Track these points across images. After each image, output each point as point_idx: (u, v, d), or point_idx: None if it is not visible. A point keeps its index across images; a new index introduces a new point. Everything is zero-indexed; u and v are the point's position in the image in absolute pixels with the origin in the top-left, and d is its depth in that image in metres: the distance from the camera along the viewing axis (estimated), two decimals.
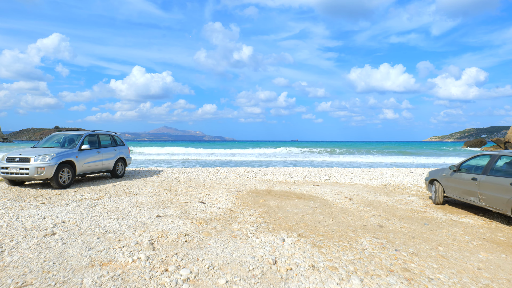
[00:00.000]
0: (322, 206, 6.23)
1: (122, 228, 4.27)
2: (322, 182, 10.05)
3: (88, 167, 8.61)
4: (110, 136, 10.03)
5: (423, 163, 21.15)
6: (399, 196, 7.73)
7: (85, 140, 8.83)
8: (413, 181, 10.32)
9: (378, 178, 10.76)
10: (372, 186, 9.42)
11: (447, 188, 6.61)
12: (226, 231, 4.34)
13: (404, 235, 4.55)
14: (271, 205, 6.20)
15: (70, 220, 4.62)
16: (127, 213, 5.16)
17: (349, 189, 8.62)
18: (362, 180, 10.46)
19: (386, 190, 8.61)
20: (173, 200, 6.46)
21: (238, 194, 7.28)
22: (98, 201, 6.11)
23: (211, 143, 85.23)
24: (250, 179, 10.48)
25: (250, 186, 8.67)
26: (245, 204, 6.21)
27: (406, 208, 6.40)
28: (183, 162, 21.98)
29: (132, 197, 6.66)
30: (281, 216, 5.34)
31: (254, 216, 5.23)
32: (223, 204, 6.14)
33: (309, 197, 7.14)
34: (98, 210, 5.36)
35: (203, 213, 5.35)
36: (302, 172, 12.07)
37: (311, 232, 4.47)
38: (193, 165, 19.85)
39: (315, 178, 10.66)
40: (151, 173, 11.51)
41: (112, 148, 9.77)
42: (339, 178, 10.71)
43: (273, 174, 11.58)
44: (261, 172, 12.05)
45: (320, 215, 5.48)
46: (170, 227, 4.40)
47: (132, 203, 5.96)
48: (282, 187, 8.70)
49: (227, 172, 11.82)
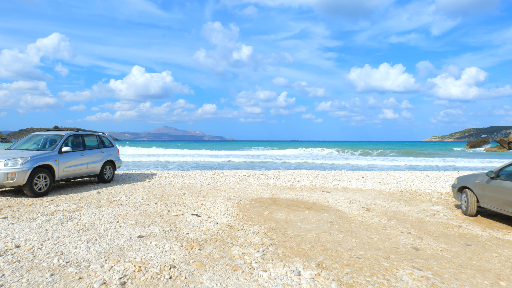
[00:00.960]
0: (338, 220, 5.27)
1: (90, 256, 3.31)
2: (331, 187, 9.09)
3: (70, 172, 7.65)
4: (96, 137, 9.07)
5: (437, 165, 19.95)
6: (421, 205, 6.78)
7: (67, 141, 7.87)
8: (431, 186, 9.37)
9: (392, 183, 9.80)
10: (387, 192, 8.48)
11: (482, 197, 5.67)
12: (224, 260, 3.38)
13: (448, 262, 3.60)
14: (278, 218, 5.24)
15: (27, 243, 3.66)
16: (103, 232, 4.20)
17: (363, 196, 7.67)
18: (374, 185, 9.50)
19: (404, 198, 7.67)
20: (163, 212, 5.50)
21: (239, 204, 6.32)
22: (74, 214, 5.15)
23: (213, 144, 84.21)
24: (251, 184, 9.52)
25: (252, 193, 7.71)
26: (247, 218, 5.25)
27: (436, 221, 5.45)
28: (180, 164, 21.02)
29: (115, 208, 5.70)
30: (292, 234, 4.38)
31: (259, 235, 4.27)
32: (222, 218, 5.19)
33: (321, 208, 6.18)
34: (69, 227, 4.40)
35: (196, 231, 4.39)
36: (308, 176, 11.11)
37: (332, 259, 3.51)
38: (191, 167, 18.88)
39: (323, 183, 9.71)
40: (144, 177, 10.55)
41: (99, 150, 8.80)
42: (349, 183, 9.76)
43: (276, 178, 10.62)
44: (264, 175, 11.10)
45: (338, 233, 4.53)
46: (153, 254, 3.44)
47: (113, 217, 5.00)
48: (288, 194, 7.75)
49: (226, 176, 10.86)
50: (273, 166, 20.28)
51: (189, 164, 20.57)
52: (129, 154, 29.20)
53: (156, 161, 21.11)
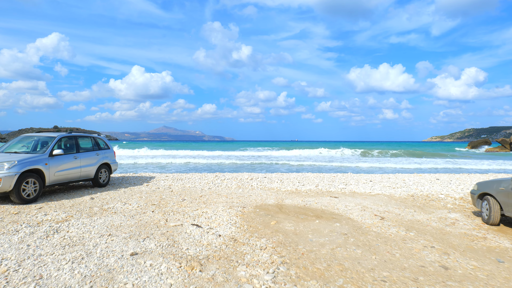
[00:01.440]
0: (352, 231, 4.81)
1: (73, 282, 2.84)
2: (339, 192, 8.63)
3: (61, 176, 7.18)
4: (91, 138, 8.59)
5: (447, 167, 19.32)
6: (437, 213, 6.33)
7: (59, 143, 7.40)
8: (443, 190, 8.91)
9: (401, 187, 9.34)
10: (398, 197, 8.02)
11: (507, 206, 5.21)
12: (229, 284, 2.92)
13: (485, 285, 3.14)
14: (286, 230, 4.78)
15: (3, 264, 3.20)
16: (91, 248, 3.73)
17: (374, 202, 7.21)
18: (384, 189, 9.04)
19: (417, 204, 7.21)
20: (160, 222, 5.04)
21: (243, 212, 5.86)
22: (62, 225, 4.68)
23: (213, 144, 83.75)
24: (254, 188, 9.06)
25: (256, 199, 7.25)
26: (253, 229, 4.79)
27: (458, 232, 4.99)
28: (180, 166, 20.54)
29: (109, 217, 5.23)
30: (304, 250, 3.92)
31: (267, 251, 3.81)
32: (225, 229, 4.72)
33: (331, 216, 5.72)
34: (54, 242, 3.93)
35: (197, 246, 3.93)
36: (313, 179, 10.65)
37: (354, 283, 3.05)
38: (191, 169, 18.37)
39: (330, 187, 9.25)
40: (141, 180, 10.08)
41: (93, 153, 8.33)
42: (357, 187, 9.30)
43: (280, 181, 10.16)
44: (267, 179, 10.63)
45: (355, 248, 4.06)
46: (147, 277, 2.97)
47: (105, 229, 4.54)
48: (294, 199, 7.29)
49: (228, 179, 10.39)
50: (274, 168, 19.82)
51: (189, 165, 20.07)
52: (127, 156, 28.72)
53: (156, 163, 20.50)
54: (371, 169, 18.61)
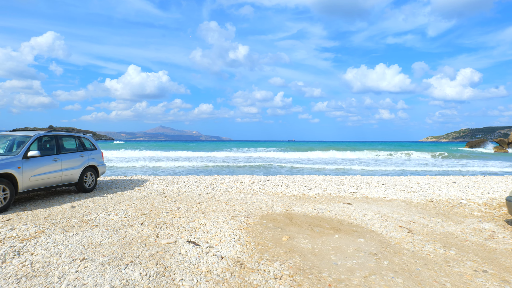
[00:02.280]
0: (381, 249, 4.00)
1: None
2: (350, 197, 7.83)
3: (38, 181, 6.29)
4: (75, 138, 7.69)
5: (457, 171, 18.28)
6: (467, 222, 5.55)
7: (35, 144, 6.51)
8: (463, 194, 8.14)
9: (417, 191, 8.56)
10: (416, 203, 7.24)
11: None
12: None
13: None
14: (302, 248, 3.95)
15: None
16: (55, 281, 2.87)
17: (393, 209, 6.42)
18: (398, 193, 8.26)
19: (440, 211, 6.43)
20: (150, 238, 4.19)
21: (247, 223, 5.02)
22: (27, 244, 3.80)
23: (211, 144, 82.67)
24: (257, 192, 8.23)
25: (261, 206, 6.42)
26: (262, 247, 3.96)
27: (504, 248, 4.20)
28: (175, 168, 19.63)
29: (88, 232, 4.36)
30: (330, 279, 3.09)
31: (283, 282, 2.98)
32: (227, 247, 3.89)
33: (351, 228, 4.90)
34: (9, 270, 3.06)
35: (194, 275, 3.08)
36: (320, 182, 9.83)
37: None
38: (187, 171, 17.45)
39: (339, 191, 8.44)
40: (132, 184, 9.20)
41: (77, 154, 7.44)
42: (369, 191, 8.50)
43: (285, 185, 9.33)
44: (270, 182, 9.79)
45: (393, 274, 3.24)
46: None
47: (80, 250, 3.67)
48: (303, 207, 6.47)
49: (227, 183, 9.54)
50: (274, 170, 19.00)
51: (185, 167, 19.15)
52: (120, 157, 27.69)
53: (150, 166, 19.49)
54: (381, 172, 17.86)
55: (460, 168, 19.06)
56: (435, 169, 18.66)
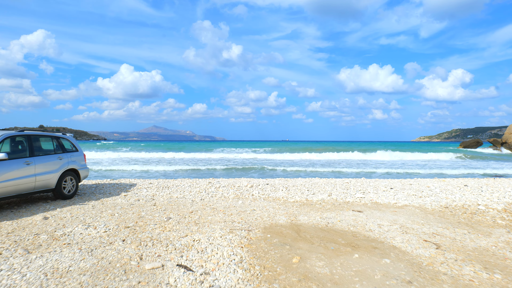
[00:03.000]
0: (414, 274, 3.30)
1: None
2: (358, 203, 7.15)
3: (6, 188, 5.45)
4: (52, 139, 6.86)
5: (468, 173, 16.32)
6: (496, 234, 4.90)
7: (5, 145, 5.67)
8: (478, 199, 7.53)
9: (429, 195, 7.92)
10: (431, 209, 6.59)
11: None
12: None
13: None
14: (318, 274, 3.23)
15: None
16: None
17: (409, 217, 5.76)
18: (409, 198, 7.61)
19: (460, 219, 5.79)
20: (131, 261, 3.42)
21: (249, 239, 4.29)
22: None
23: (205, 144, 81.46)
24: (256, 198, 7.50)
25: (262, 215, 5.69)
26: (269, 273, 3.23)
27: None
28: (168, 170, 18.75)
29: (56, 253, 3.58)
30: None
31: None
32: (227, 273, 3.15)
33: (370, 244, 4.20)
34: None
35: None
36: (323, 186, 9.13)
37: None
38: (180, 174, 16.56)
39: (346, 196, 7.75)
40: (119, 188, 8.38)
41: (54, 157, 6.61)
42: (377, 196, 7.84)
43: (286, 189, 8.61)
44: (270, 186, 9.06)
45: None
46: None
47: (41, 281, 2.90)
48: (310, 215, 5.76)
49: (223, 187, 8.78)
50: (269, 172, 18.27)
51: (177, 170, 18.25)
52: (109, 159, 26.64)
53: (138, 170, 17.61)
54: (383, 174, 17.25)
55: (497, 171, 17.34)
56: (472, 172, 18.10)
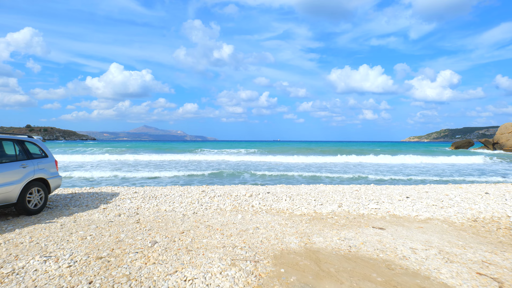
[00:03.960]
0: None
1: None
2: (374, 215, 6.23)
3: None
4: (14, 143, 5.72)
5: (483, 180, 14.20)
6: None
7: None
8: (505, 210, 6.70)
9: (450, 205, 7.06)
10: (459, 223, 5.72)
11: None
12: None
13: None
14: None
15: None
16: None
17: (441, 236, 4.85)
18: (430, 209, 6.73)
19: (500, 237, 4.92)
20: None
21: (257, 276, 3.29)
22: None
23: (196, 144, 79.81)
24: (257, 210, 6.51)
25: (268, 236, 4.70)
26: None
27: None
28: (157, 176, 17.54)
29: None
30: None
31: None
32: None
33: (415, 282, 3.25)
34: None
35: None
36: (331, 195, 8.17)
37: None
38: (170, 179, 15.24)
39: (359, 207, 6.83)
40: (99, 199, 7.27)
41: (16, 164, 5.48)
42: (393, 206, 6.93)
43: (289, 198, 7.63)
44: (271, 195, 8.05)
45: None
46: None
47: None
48: (325, 234, 4.79)
49: (219, 197, 7.74)
50: (267, 177, 17.28)
51: (167, 175, 16.85)
52: (92, 162, 25.12)
53: (122, 177, 14.92)
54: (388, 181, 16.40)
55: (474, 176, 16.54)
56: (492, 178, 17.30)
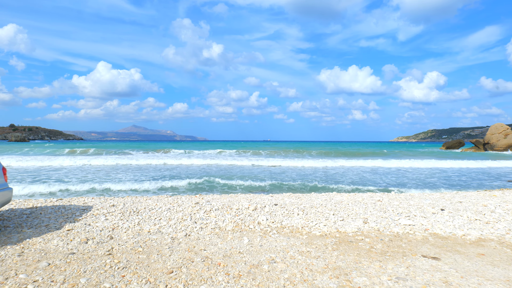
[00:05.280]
0: None
1: None
2: (412, 235, 4.96)
3: None
4: None
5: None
6: None
7: None
8: None
9: (497, 220, 5.85)
10: None
11: None
12: None
13: None
14: None
15: None
16: None
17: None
18: (474, 225, 5.51)
19: None
20: None
21: None
22: None
23: (186, 144, 77.69)
24: (267, 230, 5.15)
25: (292, 277, 3.34)
26: None
27: None
28: (141, 181, 15.87)
29: None
30: None
31: None
32: None
33: None
34: None
35: None
36: (350, 206, 6.85)
37: None
38: (156, 186, 12.28)
39: (388, 223, 5.55)
40: (66, 215, 5.76)
41: None
42: (428, 221, 5.69)
43: (302, 212, 6.29)
44: (279, 207, 6.67)
45: None
46: None
47: None
48: (370, 273, 3.47)
49: (216, 210, 6.32)
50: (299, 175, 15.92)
51: (152, 182, 14.77)
52: (70, 166, 22.97)
53: (99, 189, 11.28)
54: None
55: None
56: None
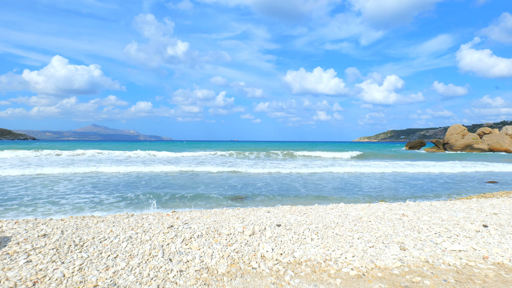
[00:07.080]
0: None
1: None
2: (478, 270, 3.61)
3: None
4: None
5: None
6: None
7: None
8: None
9: None
10: None
11: None
12: None
13: None
14: None
15: None
16: None
17: None
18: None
19: None
20: None
21: None
22: None
23: (151, 144, 73.12)
24: (279, 273, 3.50)
25: None
26: None
27: None
28: (98, 187, 13.14)
29: None
30: None
31: None
32: None
33: None
34: None
35: None
36: (373, 224, 5.37)
37: None
38: (111, 199, 9.30)
39: (435, 251, 4.17)
40: None
41: None
42: (477, 243, 4.41)
43: (317, 236, 4.70)
44: (284, 229, 5.02)
45: None
46: None
47: None
48: None
49: (199, 237, 4.51)
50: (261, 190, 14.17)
51: (111, 186, 12.49)
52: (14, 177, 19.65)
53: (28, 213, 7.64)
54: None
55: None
56: None
